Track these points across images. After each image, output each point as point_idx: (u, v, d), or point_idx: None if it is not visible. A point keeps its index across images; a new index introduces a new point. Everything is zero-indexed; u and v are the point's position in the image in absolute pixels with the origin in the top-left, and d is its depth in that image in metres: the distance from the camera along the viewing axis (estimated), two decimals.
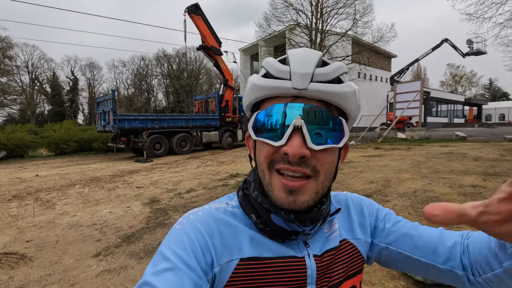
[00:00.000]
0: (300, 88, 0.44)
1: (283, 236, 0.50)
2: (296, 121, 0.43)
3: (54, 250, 3.09)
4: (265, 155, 0.47)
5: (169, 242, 0.46)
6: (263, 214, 0.50)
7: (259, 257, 0.48)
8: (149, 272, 0.42)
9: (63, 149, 14.16)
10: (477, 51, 22.78)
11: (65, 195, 5.60)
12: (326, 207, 0.51)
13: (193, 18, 12.95)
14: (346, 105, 0.47)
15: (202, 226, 0.49)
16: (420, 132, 14.42)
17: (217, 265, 0.46)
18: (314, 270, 0.50)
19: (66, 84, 41.11)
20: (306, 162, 0.44)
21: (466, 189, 4.53)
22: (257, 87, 0.48)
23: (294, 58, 0.46)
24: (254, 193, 0.52)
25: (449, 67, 57.90)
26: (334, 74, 0.46)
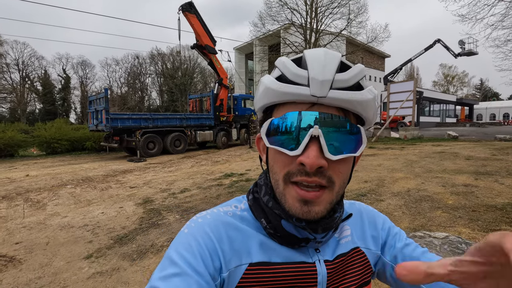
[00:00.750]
0: (319, 95, 0.41)
1: (293, 243, 0.49)
2: (314, 131, 0.41)
3: (44, 252, 3.02)
4: (281, 166, 0.45)
5: (177, 246, 0.45)
6: (273, 220, 0.48)
7: (269, 262, 0.48)
8: (157, 276, 0.41)
9: (55, 149, 13.93)
10: (469, 51, 23.12)
11: (56, 195, 5.50)
12: (339, 215, 0.50)
13: (187, 17, 12.85)
14: (365, 112, 0.45)
15: (211, 230, 0.48)
16: (413, 132, 14.57)
17: (225, 270, 0.46)
18: (325, 275, 0.49)
19: (57, 82, 40.47)
20: (322, 173, 0.43)
21: (458, 188, 4.58)
22: (272, 92, 0.45)
23: (313, 62, 0.43)
24: (265, 197, 0.51)
25: (442, 67, 58.71)
26: (354, 79, 0.43)
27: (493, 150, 8.75)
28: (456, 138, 13.84)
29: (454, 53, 23.35)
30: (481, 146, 9.93)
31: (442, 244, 2.24)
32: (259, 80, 0.49)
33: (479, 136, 14.78)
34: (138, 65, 43.78)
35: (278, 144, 0.44)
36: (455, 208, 3.70)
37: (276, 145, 0.44)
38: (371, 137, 14.67)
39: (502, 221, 3.18)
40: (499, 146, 9.68)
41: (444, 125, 29.75)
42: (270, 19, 19.25)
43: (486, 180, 5.03)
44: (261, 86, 0.47)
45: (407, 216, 3.56)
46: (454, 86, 58.24)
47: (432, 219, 3.39)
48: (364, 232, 0.58)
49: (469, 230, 3.01)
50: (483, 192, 4.32)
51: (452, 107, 33.95)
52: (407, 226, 3.24)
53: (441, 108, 31.91)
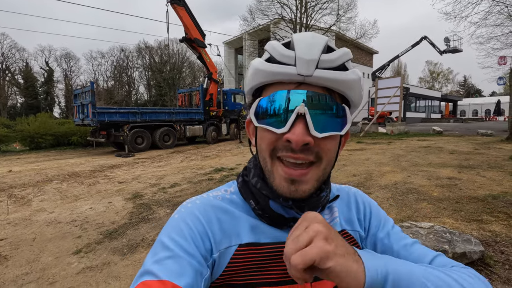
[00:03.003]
0: (305, 74, 0.43)
1: (281, 223, 0.50)
2: (300, 108, 0.42)
3: (31, 248, 2.96)
4: (268, 142, 0.46)
5: (168, 231, 0.46)
6: (261, 200, 0.50)
7: (257, 242, 0.49)
8: (150, 261, 0.42)
9: (39, 144, 13.51)
10: (454, 48, 23.71)
11: (42, 191, 5.36)
12: (325, 194, 0.52)
13: (176, 9, 12.60)
14: (350, 92, 0.46)
15: (200, 214, 0.49)
16: (399, 127, 14.89)
17: (216, 251, 0.47)
18: None
19: (40, 75, 39.07)
20: (309, 149, 0.44)
21: (442, 181, 4.73)
22: (260, 72, 0.46)
23: (299, 43, 0.45)
24: (254, 179, 0.52)
25: (428, 64, 59.95)
26: (339, 60, 0.45)
27: (475, 144, 9.06)
28: (440, 133, 14.24)
29: (439, 50, 23.90)
30: (464, 141, 10.26)
31: (428, 233, 2.32)
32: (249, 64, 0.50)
33: (462, 131, 15.25)
34: (124, 59, 42.76)
35: (265, 123, 0.46)
36: (439, 200, 3.82)
37: (264, 123, 0.46)
38: (359, 132, 14.91)
39: (484, 212, 3.32)
40: (481, 141, 10.04)
41: (429, 120, 30.51)
42: (260, 13, 19.13)
43: (468, 173, 5.22)
44: (251, 69, 0.48)
45: (394, 208, 3.66)
46: (439, 83, 59.67)
47: (418, 211, 3.50)
48: (351, 215, 0.59)
49: (452, 221, 3.13)
50: (466, 184, 4.49)
51: (437, 103, 34.82)
52: (394, 217, 3.33)
53: (426, 104, 32.68)
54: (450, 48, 23.95)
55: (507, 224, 2.93)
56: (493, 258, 2.28)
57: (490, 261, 2.22)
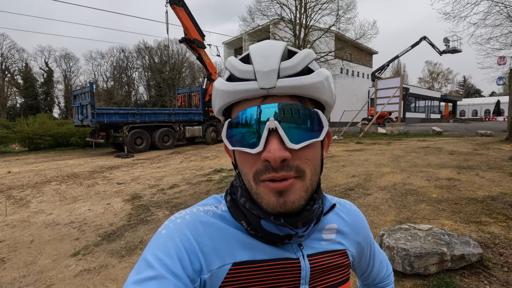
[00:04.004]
0: (268, 87, 0.40)
1: (276, 241, 0.48)
2: (270, 123, 0.40)
3: (28, 251, 2.95)
4: (248, 166, 0.44)
5: (153, 248, 0.44)
6: (253, 221, 0.47)
7: (253, 260, 0.47)
8: (132, 280, 0.40)
9: (38, 144, 13.50)
10: (453, 49, 23.71)
11: (40, 192, 5.35)
12: (318, 206, 0.49)
13: (175, 10, 12.61)
14: (319, 95, 0.44)
15: (189, 231, 0.46)
16: (399, 127, 14.89)
17: (206, 271, 0.44)
18: (308, 270, 0.49)
19: (39, 76, 38.98)
20: (288, 165, 0.41)
21: (442, 182, 4.73)
22: (222, 93, 0.44)
23: (256, 54, 0.42)
24: (241, 199, 0.49)
25: (427, 64, 59.96)
26: (301, 65, 0.42)
27: (475, 145, 9.06)
28: (440, 133, 14.24)
29: (439, 50, 23.91)
30: (463, 141, 10.26)
31: (426, 235, 2.31)
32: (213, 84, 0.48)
33: (462, 132, 15.26)
34: (124, 59, 42.71)
35: (239, 145, 0.43)
36: (438, 201, 3.82)
37: (238, 145, 0.43)
38: (358, 133, 14.91)
39: (483, 213, 3.31)
40: (481, 141, 10.03)
41: (429, 121, 30.52)
42: (259, 14, 19.11)
43: (468, 174, 5.21)
44: (214, 90, 0.47)
45: (393, 209, 3.65)
46: (438, 83, 59.67)
47: (417, 212, 3.49)
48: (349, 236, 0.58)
49: (451, 222, 3.12)
50: (465, 185, 4.48)
51: (437, 104, 34.84)
52: (393, 219, 3.33)
53: (426, 104, 32.69)
54: (450, 49, 23.96)
55: (506, 226, 2.92)
56: (491, 261, 2.27)
57: (489, 264, 2.21)
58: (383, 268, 0.72)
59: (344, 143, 11.70)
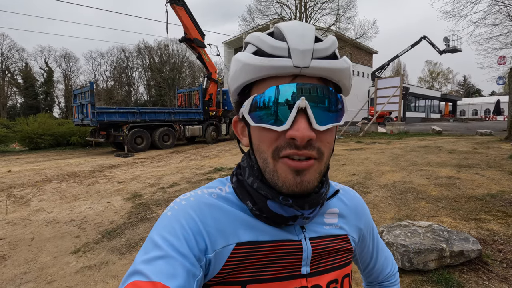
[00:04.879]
0: (302, 66, 0.40)
1: (280, 222, 0.49)
2: (301, 103, 0.40)
3: (29, 248, 2.96)
4: (269, 143, 0.44)
5: (160, 229, 0.45)
6: (259, 201, 0.48)
7: (256, 241, 0.48)
8: (140, 260, 0.41)
9: (38, 144, 13.51)
10: (453, 48, 23.71)
11: (41, 191, 5.36)
12: (325, 190, 0.50)
13: (175, 9, 12.60)
14: (344, 80, 0.45)
15: (194, 212, 0.47)
16: (399, 127, 14.89)
17: (211, 250, 0.45)
18: (310, 252, 0.50)
19: (40, 75, 38.99)
20: (312, 145, 0.42)
21: (441, 181, 4.74)
22: (250, 67, 0.42)
23: (290, 33, 0.42)
24: (249, 179, 0.49)
25: (427, 64, 59.93)
26: (331, 49, 0.43)
27: (474, 144, 9.06)
28: (440, 132, 14.25)
29: (439, 49, 23.91)
30: (463, 141, 10.26)
31: (426, 232, 2.32)
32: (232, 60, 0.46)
33: (462, 131, 15.26)
34: (124, 59, 42.71)
35: (263, 122, 0.43)
36: (438, 199, 3.83)
37: (261, 122, 0.43)
38: (358, 132, 14.91)
39: (482, 211, 3.32)
40: (480, 140, 10.04)
41: (428, 120, 30.51)
42: (259, 13, 19.12)
43: (467, 172, 5.22)
44: (237, 64, 0.45)
45: (393, 207, 3.66)
46: (439, 83, 59.64)
47: (417, 210, 3.50)
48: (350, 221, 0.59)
49: (451, 219, 3.13)
50: (465, 183, 4.49)
51: (437, 103, 34.83)
52: (393, 216, 3.34)
53: (426, 103, 32.69)
54: (450, 48, 23.95)
55: (505, 223, 2.93)
56: (490, 257, 2.28)
57: (487, 260, 2.22)
58: (388, 265, 0.71)
59: (344, 142, 11.71)
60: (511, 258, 2.26)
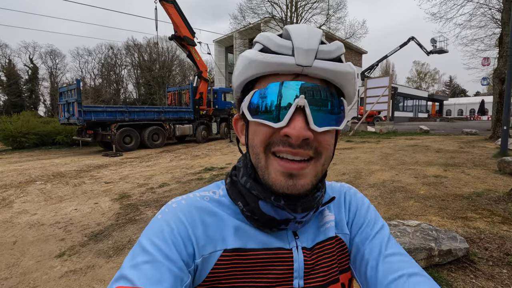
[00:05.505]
0: (304, 64, 0.40)
1: (271, 226, 0.47)
2: (299, 101, 0.40)
3: (11, 252, 2.85)
4: (262, 137, 0.43)
5: (149, 233, 0.44)
6: (250, 201, 0.47)
7: (244, 248, 0.46)
8: (127, 264, 0.40)
9: (22, 143, 13.09)
10: (440, 49, 24.25)
11: (24, 192, 5.19)
12: (320, 194, 0.48)
13: (164, 6, 12.40)
14: (346, 85, 0.44)
15: (184, 216, 0.46)
16: (388, 126, 15.13)
17: (199, 256, 0.45)
18: (302, 263, 0.47)
19: (24, 72, 37.78)
20: (308, 144, 0.41)
21: (429, 179, 4.82)
22: (255, 63, 0.43)
23: (297, 32, 0.42)
24: (243, 178, 0.49)
25: (415, 64, 61.09)
26: (336, 52, 0.43)
27: (460, 143, 9.29)
28: (427, 132, 14.54)
29: (426, 50, 24.41)
30: (450, 140, 10.51)
31: (415, 231, 2.35)
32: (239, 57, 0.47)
33: (448, 130, 15.63)
34: (112, 56, 41.86)
35: (261, 117, 0.43)
36: (426, 198, 3.89)
37: (259, 118, 0.43)
38: (348, 131, 15.07)
39: (468, 209, 3.39)
40: (466, 140, 10.30)
41: (416, 119, 31.14)
42: (250, 12, 19.08)
43: (454, 171, 5.33)
44: (243, 61, 0.45)
45: (382, 206, 3.70)
46: (426, 83, 60.89)
47: (405, 209, 3.55)
48: (341, 217, 0.56)
49: (438, 218, 3.18)
50: (452, 182, 4.58)
51: (424, 103, 35.58)
52: (383, 215, 3.37)
53: (414, 103, 33.35)
54: (437, 49, 24.50)
55: (491, 221, 3.00)
56: (477, 255, 2.32)
57: (475, 258, 2.26)
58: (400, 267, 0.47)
59: None
60: (497, 256, 2.31)
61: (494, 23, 13.27)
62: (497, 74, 9.81)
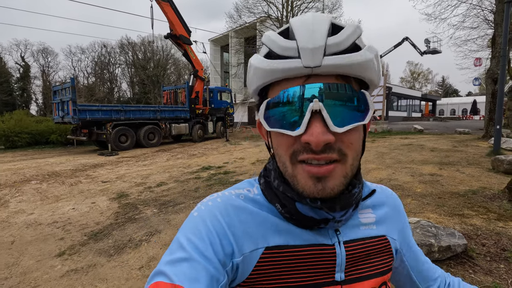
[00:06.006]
0: (312, 66, 0.37)
1: (311, 225, 0.46)
2: (314, 105, 0.38)
3: (9, 252, 2.82)
4: (285, 148, 0.42)
5: (186, 230, 0.44)
6: (287, 203, 0.46)
7: (286, 245, 0.45)
8: (165, 260, 0.41)
9: (15, 142, 12.90)
10: (433, 50, 24.50)
11: (20, 191, 5.12)
12: (358, 190, 0.47)
13: (160, 4, 12.33)
14: (367, 74, 0.40)
15: (221, 214, 0.46)
16: (383, 125, 15.30)
17: (239, 254, 0.44)
18: (344, 257, 0.47)
19: (15, 71, 37.15)
20: (331, 147, 0.39)
21: (425, 178, 4.90)
22: (261, 72, 0.41)
23: (300, 29, 0.39)
24: (275, 182, 0.48)
25: (409, 65, 61.69)
26: (349, 40, 0.39)
27: (454, 142, 9.43)
28: (421, 131, 14.73)
29: (420, 51, 24.65)
30: (443, 139, 10.66)
31: (415, 228, 2.39)
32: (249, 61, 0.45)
33: (442, 130, 15.84)
34: (106, 54, 41.39)
35: (278, 126, 0.41)
36: (423, 196, 3.95)
37: (276, 127, 0.41)
38: None
39: (464, 206, 3.46)
40: (459, 139, 10.46)
41: (410, 119, 31.48)
42: (246, 11, 19.09)
43: (449, 169, 5.42)
44: (250, 68, 0.44)
45: None
46: (419, 83, 61.52)
47: (404, 206, 3.59)
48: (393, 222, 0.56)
49: (436, 215, 3.24)
50: (447, 180, 4.66)
51: (418, 103, 35.97)
52: None
53: (408, 103, 33.69)
54: (430, 49, 24.74)
55: (487, 218, 3.06)
56: (475, 251, 2.37)
57: (473, 254, 2.31)
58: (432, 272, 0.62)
59: None
60: (494, 251, 2.36)
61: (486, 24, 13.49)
62: (490, 74, 9.98)
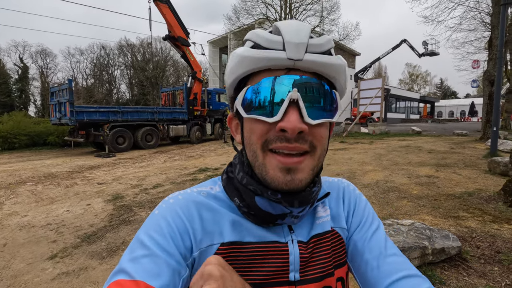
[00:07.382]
0: (296, 58, 0.41)
1: (268, 221, 0.47)
2: (293, 94, 0.40)
3: (1, 254, 2.79)
4: (259, 135, 0.44)
5: (146, 228, 0.45)
6: (247, 197, 0.47)
7: (241, 241, 0.47)
8: (126, 258, 0.41)
9: (12, 144, 12.84)
10: (431, 52, 24.64)
11: (14, 193, 5.08)
12: (317, 189, 0.49)
13: (158, 6, 12.33)
14: (338, 78, 0.45)
15: (181, 210, 0.47)
16: (381, 127, 15.28)
17: (196, 249, 0.45)
18: (297, 256, 0.48)
19: (14, 72, 37.06)
20: (303, 138, 0.42)
21: (422, 179, 4.89)
22: (247, 60, 0.43)
23: (286, 28, 0.43)
24: (239, 175, 0.49)
25: (407, 66, 61.91)
26: (326, 46, 0.44)
27: (451, 144, 9.44)
28: (419, 133, 14.74)
29: (418, 53, 24.78)
30: (441, 141, 10.67)
31: (409, 230, 2.37)
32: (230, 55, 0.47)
33: (440, 132, 15.87)
34: (105, 56, 41.36)
35: (255, 113, 0.43)
36: (419, 198, 3.94)
37: (253, 114, 0.43)
38: (342, 132, 15.17)
39: (460, 208, 3.45)
40: (457, 141, 10.47)
41: (408, 121, 31.54)
42: (244, 13, 19.13)
43: (446, 171, 5.42)
44: (235, 58, 0.45)
45: (376, 206, 3.73)
46: (418, 85, 61.71)
47: (399, 208, 3.59)
48: (339, 211, 0.56)
49: (431, 217, 3.23)
50: (444, 182, 4.65)
51: (416, 104, 36.07)
52: (377, 215, 3.40)
53: (406, 105, 33.77)
54: (428, 51, 24.87)
55: (482, 220, 3.05)
56: (469, 253, 2.36)
57: (467, 256, 2.30)
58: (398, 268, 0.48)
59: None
60: (488, 254, 2.35)
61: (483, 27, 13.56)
62: (487, 76, 10.01)
